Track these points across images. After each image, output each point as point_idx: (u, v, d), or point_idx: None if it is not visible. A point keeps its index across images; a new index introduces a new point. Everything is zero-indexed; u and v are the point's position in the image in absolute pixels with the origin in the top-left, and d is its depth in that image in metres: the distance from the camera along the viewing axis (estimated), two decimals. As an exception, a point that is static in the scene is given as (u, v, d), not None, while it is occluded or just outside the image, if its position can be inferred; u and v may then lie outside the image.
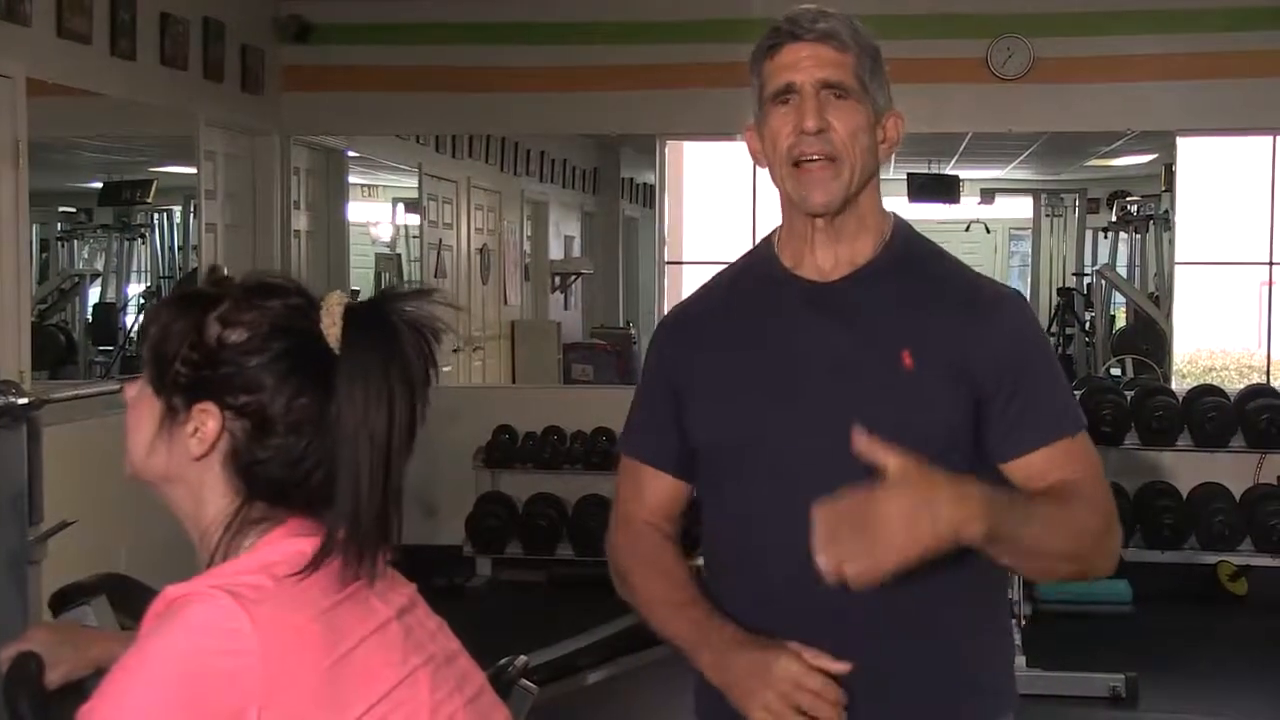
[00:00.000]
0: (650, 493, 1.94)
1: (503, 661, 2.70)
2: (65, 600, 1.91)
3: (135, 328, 8.33)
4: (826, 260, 1.85)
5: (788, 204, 1.86)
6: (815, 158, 1.78)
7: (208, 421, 1.37)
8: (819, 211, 1.81)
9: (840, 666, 1.70)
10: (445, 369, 9.33)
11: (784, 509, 1.77)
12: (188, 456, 1.38)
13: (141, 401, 1.41)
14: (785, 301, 1.86)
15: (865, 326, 1.81)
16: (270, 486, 1.38)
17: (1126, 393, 7.28)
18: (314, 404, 1.36)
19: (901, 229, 1.90)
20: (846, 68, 1.78)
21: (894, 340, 1.77)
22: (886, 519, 1.51)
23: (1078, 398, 7.06)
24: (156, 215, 8.59)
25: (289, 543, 1.35)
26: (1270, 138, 7.47)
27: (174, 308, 1.41)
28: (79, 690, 1.69)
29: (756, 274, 1.92)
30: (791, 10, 1.82)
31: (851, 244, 1.85)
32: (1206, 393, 7.20)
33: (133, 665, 1.27)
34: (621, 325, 11.48)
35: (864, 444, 1.57)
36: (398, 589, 1.43)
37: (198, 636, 1.26)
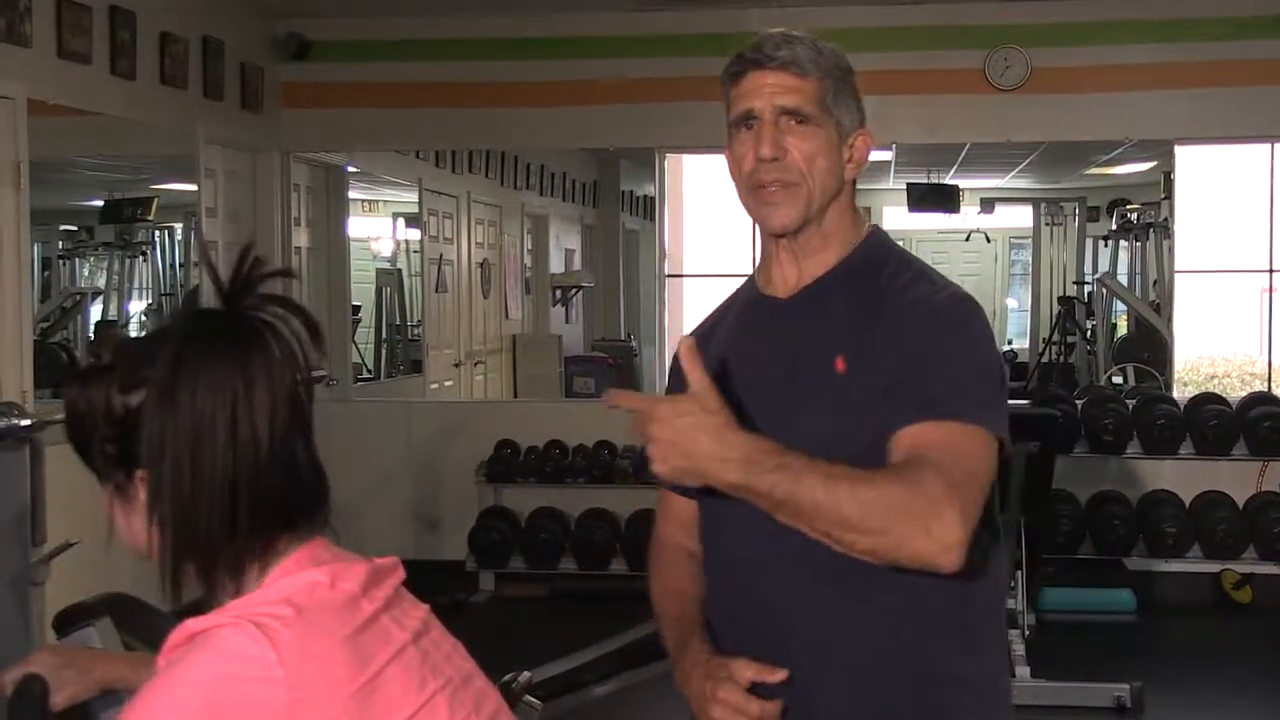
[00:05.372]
0: (670, 510, 2.03)
1: (506, 677, 2.70)
2: (69, 621, 1.91)
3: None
4: (791, 277, 1.89)
5: (756, 224, 1.92)
6: (772, 185, 1.83)
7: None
8: (778, 232, 1.86)
9: (775, 676, 1.73)
10: (447, 384, 9.41)
11: (730, 522, 1.82)
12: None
13: (101, 494, 1.42)
14: (753, 320, 1.92)
15: (806, 336, 1.84)
16: None
17: (1128, 401, 7.28)
18: None
19: (872, 240, 1.91)
20: (807, 94, 1.82)
21: (830, 347, 1.80)
22: (663, 426, 1.62)
23: (1078, 406, 7.09)
24: (158, 233, 8.60)
25: (303, 574, 1.36)
26: (1268, 145, 7.48)
27: (75, 391, 1.40)
28: (84, 713, 1.70)
29: (742, 297, 2.00)
30: (760, 35, 1.87)
31: (816, 258, 1.88)
32: (1208, 401, 7.20)
33: (160, 690, 1.27)
34: (623, 338, 11.50)
35: (684, 354, 1.69)
36: (411, 612, 1.44)
37: (225, 663, 1.26)
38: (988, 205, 11.88)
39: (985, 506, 1.68)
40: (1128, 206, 10.42)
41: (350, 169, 8.46)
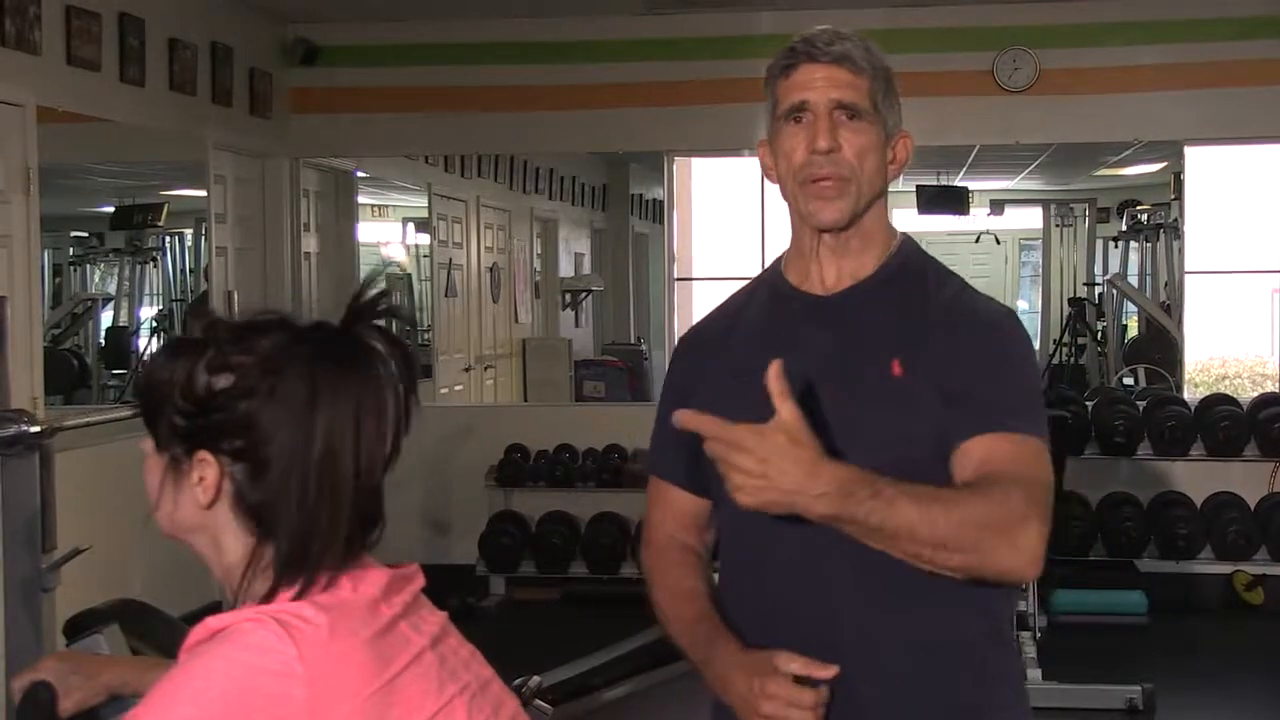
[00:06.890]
0: (669, 508, 1.99)
1: (516, 681, 2.70)
2: (79, 627, 1.92)
3: (148, 351, 8.36)
4: (830, 274, 1.89)
5: (796, 219, 1.91)
6: (826, 179, 1.82)
7: (208, 469, 1.37)
8: (827, 227, 1.85)
9: (826, 672, 1.72)
10: (457, 388, 9.41)
11: (777, 518, 1.78)
12: (198, 505, 1.39)
13: (149, 457, 1.42)
14: (787, 315, 1.90)
15: (858, 335, 1.84)
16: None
17: (1139, 402, 7.26)
18: None
19: (907, 246, 1.94)
20: (860, 90, 1.83)
21: (885, 349, 1.80)
22: (748, 457, 1.58)
23: (1089, 407, 7.08)
24: (168, 238, 8.63)
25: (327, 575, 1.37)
26: (1279, 146, 7.46)
27: (163, 359, 1.41)
28: (92, 718, 1.70)
29: (764, 292, 1.97)
30: (808, 31, 1.86)
31: (855, 259, 1.89)
32: (1219, 402, 7.18)
33: (179, 681, 1.28)
34: (633, 341, 11.49)
35: (773, 379, 1.62)
36: (429, 618, 1.44)
37: (247, 655, 1.27)
38: (997, 207, 11.85)
39: None
40: (1138, 207, 10.40)
41: (359, 174, 8.47)
